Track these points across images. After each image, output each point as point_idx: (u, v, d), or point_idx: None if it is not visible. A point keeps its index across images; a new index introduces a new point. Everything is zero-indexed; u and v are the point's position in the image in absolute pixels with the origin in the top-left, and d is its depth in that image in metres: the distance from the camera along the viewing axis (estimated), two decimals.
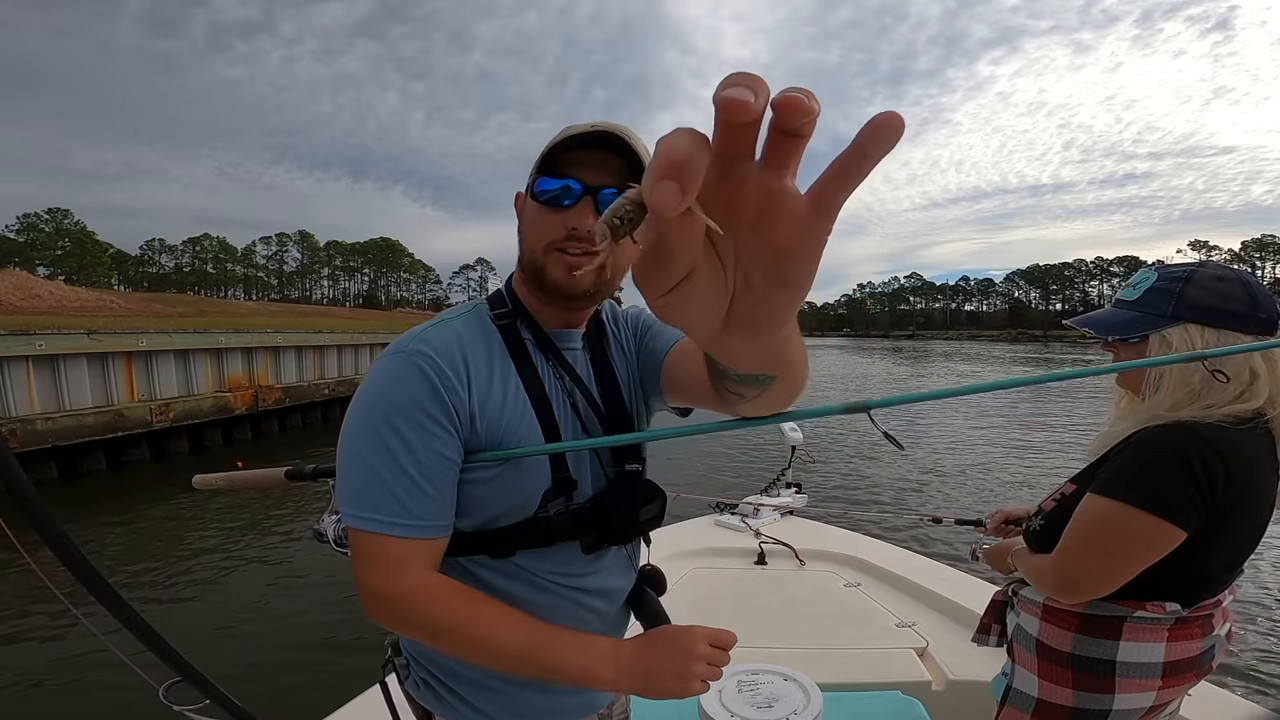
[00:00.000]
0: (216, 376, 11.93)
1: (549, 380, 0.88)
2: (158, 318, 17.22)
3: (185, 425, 10.84)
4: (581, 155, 0.81)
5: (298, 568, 5.80)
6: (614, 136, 0.79)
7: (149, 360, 10.51)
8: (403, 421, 0.76)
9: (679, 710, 1.43)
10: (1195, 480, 0.99)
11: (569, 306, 0.88)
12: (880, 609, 2.34)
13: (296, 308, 50.19)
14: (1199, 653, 1.08)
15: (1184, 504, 0.99)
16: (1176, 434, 1.02)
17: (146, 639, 1.10)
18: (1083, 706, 1.10)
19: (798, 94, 0.23)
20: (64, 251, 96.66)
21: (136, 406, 9.97)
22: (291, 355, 13.95)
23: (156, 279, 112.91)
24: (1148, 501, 1.00)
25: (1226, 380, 1.01)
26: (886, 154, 0.24)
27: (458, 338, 0.83)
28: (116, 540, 6.74)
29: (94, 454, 9.44)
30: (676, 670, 0.80)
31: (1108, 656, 1.08)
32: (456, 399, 0.78)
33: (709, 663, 0.81)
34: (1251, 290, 1.06)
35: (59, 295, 24.03)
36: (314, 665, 4.11)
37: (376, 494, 0.76)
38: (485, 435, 0.81)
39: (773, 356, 0.45)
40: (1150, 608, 1.06)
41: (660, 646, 0.82)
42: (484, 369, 0.82)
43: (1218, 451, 0.99)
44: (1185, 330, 1.06)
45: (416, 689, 0.93)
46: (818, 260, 0.30)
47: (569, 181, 0.80)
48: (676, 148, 0.23)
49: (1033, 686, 1.16)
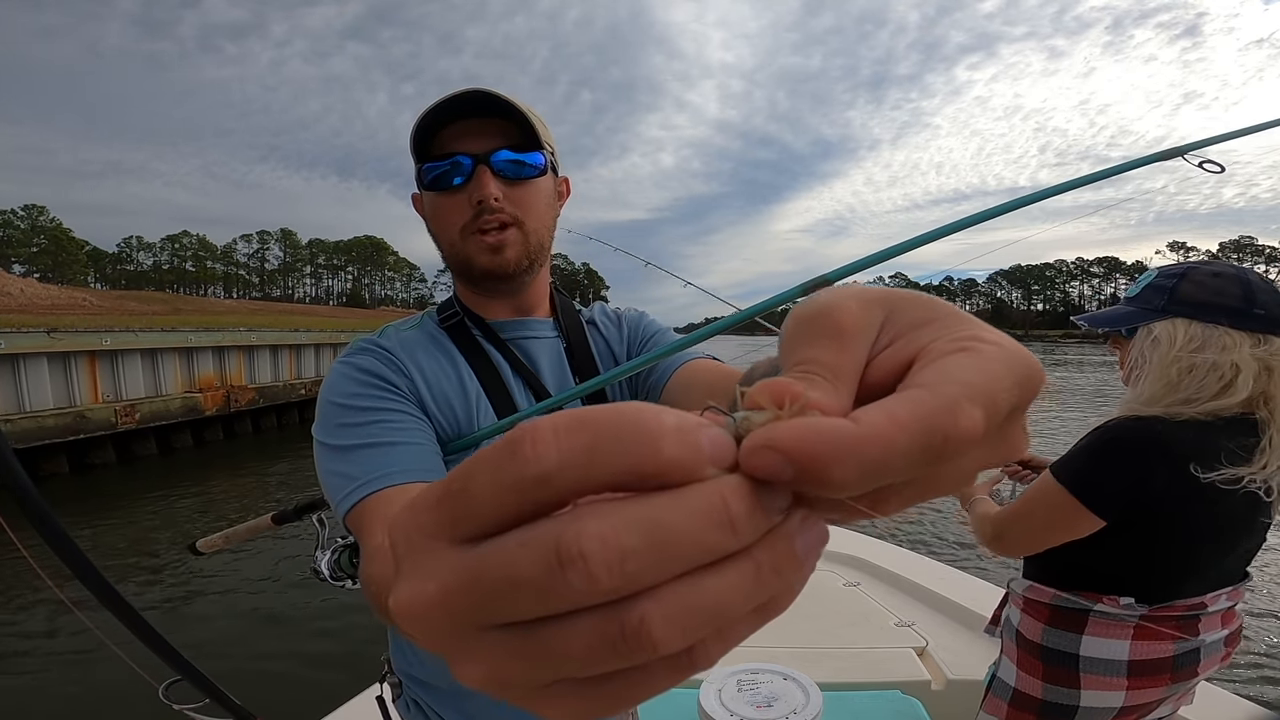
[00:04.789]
0: (186, 376, 11.61)
1: (506, 371, 0.85)
2: (127, 316, 16.86)
3: (152, 427, 10.54)
4: (456, 129, 0.78)
5: (297, 567, 5.68)
6: (480, 95, 0.75)
7: (114, 360, 10.18)
8: (359, 390, 0.74)
9: (679, 710, 1.50)
10: (1125, 473, 1.03)
11: (507, 291, 0.86)
12: (880, 608, 2.34)
13: (277, 306, 49.64)
14: (1172, 655, 1.07)
15: (1105, 492, 1.04)
16: (1128, 426, 1.06)
17: (146, 638, 1.11)
18: (1051, 700, 1.13)
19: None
20: (39, 249, 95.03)
21: (100, 408, 9.66)
22: (266, 354, 13.64)
23: (134, 277, 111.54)
24: (1071, 483, 1.07)
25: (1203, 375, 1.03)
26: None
27: (401, 340, 0.82)
28: (83, 544, 6.50)
29: (56, 457, 9.14)
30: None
31: (1071, 650, 1.11)
32: (406, 380, 0.78)
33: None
34: (1249, 286, 1.05)
35: (30, 293, 23.62)
36: (315, 664, 4.09)
37: (359, 464, 0.69)
38: (446, 426, 0.78)
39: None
40: (1107, 601, 1.08)
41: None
42: (431, 363, 0.81)
43: (1166, 449, 1.01)
44: (1172, 324, 1.07)
45: (405, 710, 0.93)
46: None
47: (457, 158, 0.77)
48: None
49: (1011, 675, 1.20)
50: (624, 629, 0.15)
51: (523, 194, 0.80)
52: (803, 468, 0.15)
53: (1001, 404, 0.17)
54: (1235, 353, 1.02)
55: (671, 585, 0.15)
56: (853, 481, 0.15)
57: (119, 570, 5.76)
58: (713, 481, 0.15)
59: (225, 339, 12.54)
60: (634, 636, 0.15)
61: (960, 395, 0.16)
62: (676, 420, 0.16)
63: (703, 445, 0.16)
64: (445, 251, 0.84)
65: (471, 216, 0.78)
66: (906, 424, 0.16)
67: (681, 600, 0.15)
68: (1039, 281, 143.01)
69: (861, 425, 0.16)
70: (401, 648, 0.94)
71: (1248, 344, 1.03)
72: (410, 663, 0.92)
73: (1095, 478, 1.05)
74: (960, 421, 0.16)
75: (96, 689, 3.63)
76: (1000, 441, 0.19)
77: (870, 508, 0.18)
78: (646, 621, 0.14)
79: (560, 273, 70.65)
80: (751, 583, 0.16)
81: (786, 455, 0.15)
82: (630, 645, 0.15)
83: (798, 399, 0.17)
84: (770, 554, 0.16)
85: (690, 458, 0.15)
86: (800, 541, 0.16)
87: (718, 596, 0.15)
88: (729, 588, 0.15)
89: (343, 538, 1.08)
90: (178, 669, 1.17)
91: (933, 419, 0.16)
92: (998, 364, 0.18)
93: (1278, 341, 1.03)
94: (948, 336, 0.19)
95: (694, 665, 0.16)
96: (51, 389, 9.20)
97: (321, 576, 1.06)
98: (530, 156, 0.80)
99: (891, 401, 0.16)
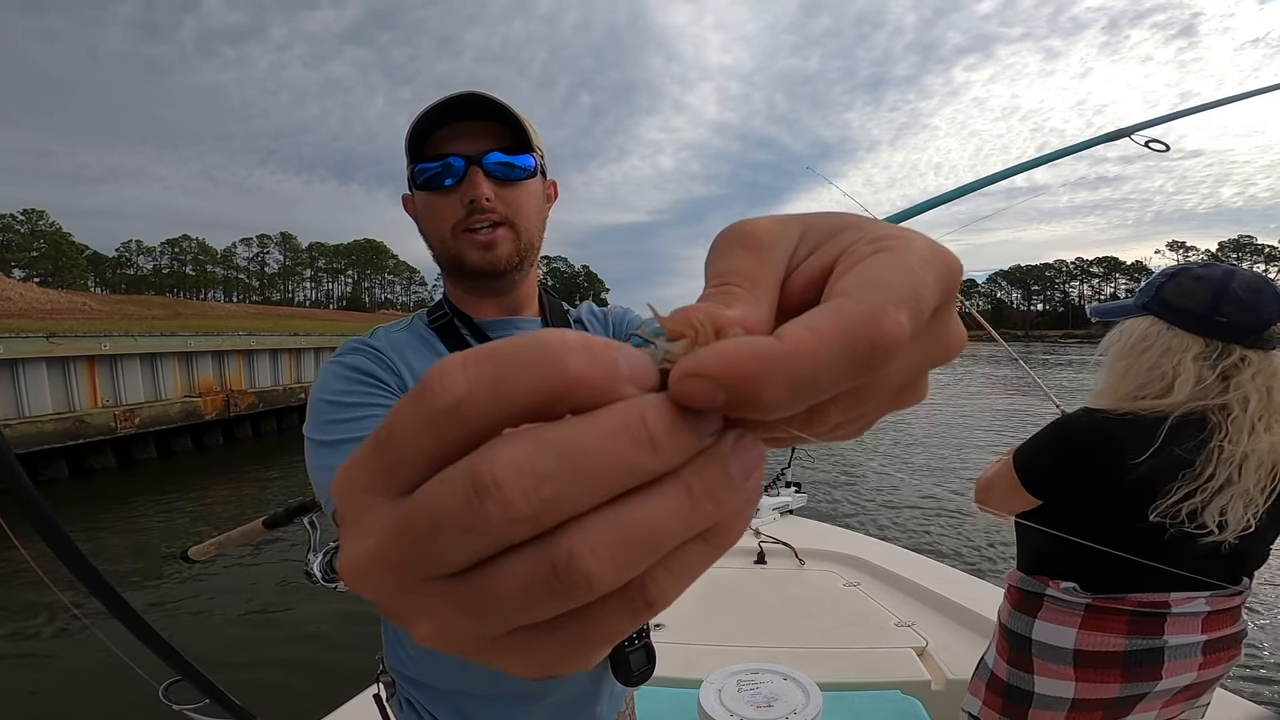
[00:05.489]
0: (186, 381, 11.61)
1: None
2: (126, 320, 16.86)
3: (152, 431, 10.53)
4: (449, 131, 0.79)
5: (296, 569, 5.62)
6: (474, 98, 0.77)
7: (113, 364, 10.18)
8: (349, 387, 0.76)
9: (679, 710, 1.52)
10: (1057, 456, 1.12)
11: (497, 289, 0.86)
12: (879, 608, 2.34)
13: (277, 310, 49.68)
14: (1122, 650, 1.08)
15: (1036, 473, 1.15)
16: (1075, 415, 1.14)
17: (147, 639, 1.11)
18: (1012, 683, 1.18)
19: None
20: (39, 253, 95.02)
21: (100, 412, 9.65)
22: (266, 358, 13.63)
23: (134, 281, 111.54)
24: (1016, 460, 1.18)
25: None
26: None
27: (391, 340, 0.84)
28: (83, 548, 6.49)
29: (55, 462, 9.12)
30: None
31: (1026, 633, 1.16)
32: (395, 378, 0.79)
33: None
34: (1221, 292, 1.04)
35: (30, 297, 23.62)
36: (313, 663, 4.08)
37: (345, 457, 0.65)
38: None
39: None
40: (1052, 584, 1.13)
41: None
42: (421, 363, 0.82)
43: (1102, 439, 1.06)
44: (1138, 321, 1.12)
45: (400, 708, 0.93)
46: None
47: (449, 159, 0.78)
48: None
49: (990, 657, 1.26)
50: (554, 564, 0.14)
51: (513, 195, 0.81)
52: (732, 391, 0.15)
53: (925, 302, 0.17)
54: (1177, 356, 1.05)
55: (597, 515, 0.14)
56: (784, 401, 0.15)
57: (119, 573, 5.74)
58: (631, 400, 0.15)
59: (224, 343, 12.53)
60: (565, 571, 0.14)
61: (884, 300, 0.16)
62: (583, 339, 0.15)
63: (618, 363, 0.15)
64: (436, 250, 0.85)
65: (463, 216, 0.79)
66: (832, 336, 0.15)
67: (608, 529, 0.14)
68: (1039, 281, 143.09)
69: (786, 342, 0.15)
70: (394, 647, 0.94)
71: (1195, 349, 1.04)
72: (402, 661, 0.92)
73: (1031, 458, 1.16)
74: (886, 327, 0.16)
75: (97, 689, 3.62)
76: (931, 340, 0.19)
77: (803, 428, 0.17)
78: (575, 555, 0.14)
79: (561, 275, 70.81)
80: (684, 508, 0.15)
81: (715, 380, 0.15)
82: (564, 582, 0.14)
83: (718, 321, 0.17)
84: (701, 477, 0.15)
85: (599, 374, 0.15)
86: (735, 463, 0.16)
87: (648, 523, 0.14)
88: (659, 513, 0.15)
89: (335, 540, 1.09)
90: (178, 669, 1.17)
91: (858, 328, 0.15)
92: (917, 260, 0.17)
93: (1238, 351, 1.03)
94: (865, 239, 0.19)
95: (649, 603, 0.15)
96: (50, 394, 9.19)
97: (314, 579, 1.07)
98: (521, 159, 0.81)
99: (814, 315, 0.16)
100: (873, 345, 0.15)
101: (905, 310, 0.16)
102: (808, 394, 0.15)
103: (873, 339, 0.15)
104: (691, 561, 0.16)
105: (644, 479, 0.15)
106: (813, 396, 0.15)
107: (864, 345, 0.15)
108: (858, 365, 0.15)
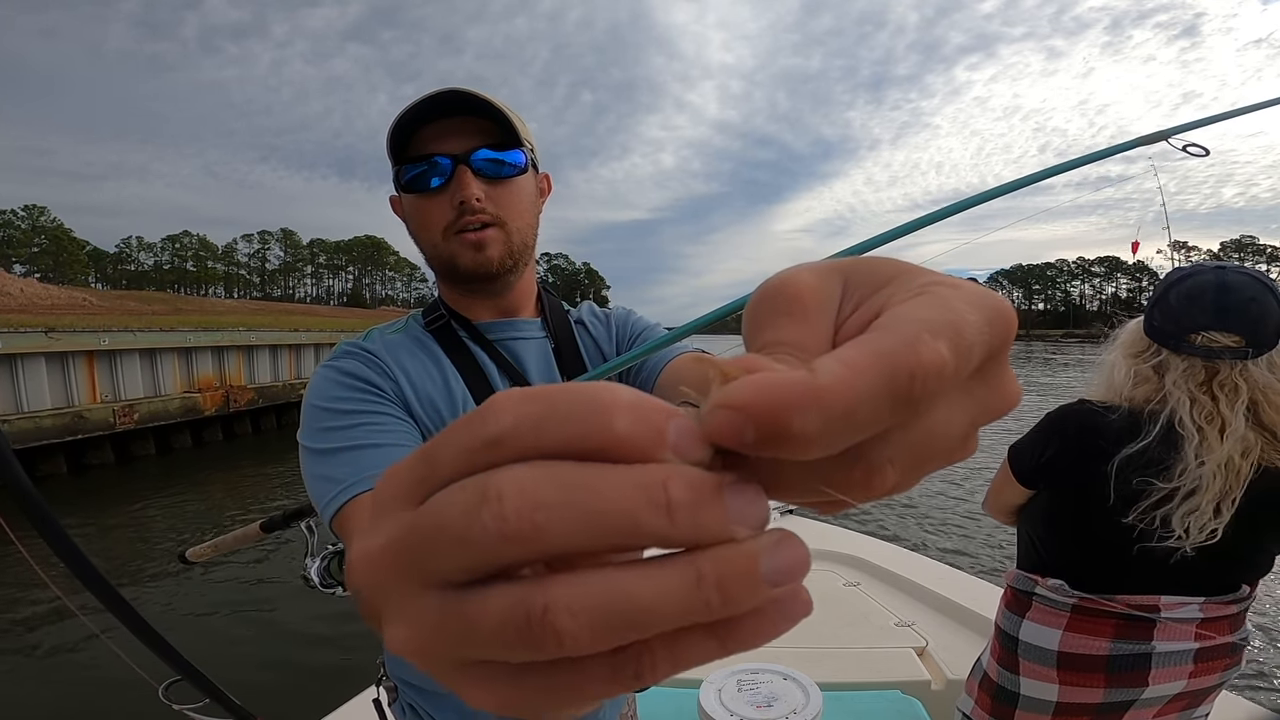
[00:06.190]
0: (185, 376, 11.61)
1: (493, 372, 0.84)
2: (127, 316, 16.84)
3: (151, 427, 10.53)
4: (433, 129, 0.77)
5: (295, 569, 5.63)
6: (456, 94, 0.74)
7: (112, 360, 10.18)
8: (343, 394, 0.74)
9: (679, 710, 1.51)
10: (1043, 444, 1.14)
11: (491, 291, 0.85)
12: (880, 608, 2.34)
13: (277, 306, 49.60)
14: (1106, 654, 1.07)
15: (1026, 459, 1.17)
16: (1065, 405, 1.16)
17: (146, 639, 1.10)
18: (1000, 684, 1.18)
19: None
20: (40, 249, 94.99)
21: (98, 408, 9.66)
22: (265, 354, 13.64)
23: (135, 277, 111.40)
24: (1010, 450, 1.21)
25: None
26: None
27: (386, 343, 0.82)
28: (81, 545, 6.50)
29: (54, 457, 9.13)
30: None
31: (1014, 633, 1.17)
32: (390, 383, 0.77)
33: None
34: (1159, 299, 1.08)
35: (30, 293, 23.61)
36: (314, 664, 4.09)
37: (343, 467, 0.68)
38: (432, 428, 0.77)
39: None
40: (1041, 582, 1.14)
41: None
42: (416, 366, 0.81)
43: (1086, 427, 1.09)
44: (1135, 322, 1.16)
45: (402, 714, 0.92)
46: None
47: (435, 158, 0.76)
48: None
49: (985, 657, 1.27)
50: (529, 610, 0.14)
51: (504, 193, 0.79)
52: (761, 423, 0.14)
53: (969, 338, 0.16)
54: (1117, 354, 1.13)
55: (590, 573, 0.14)
56: (816, 432, 0.14)
57: (118, 571, 5.75)
58: (662, 464, 0.14)
59: (224, 339, 12.53)
60: (538, 620, 0.13)
61: (920, 329, 0.15)
62: (635, 399, 0.15)
63: (664, 430, 0.15)
64: (428, 253, 0.83)
65: (454, 217, 0.77)
66: (866, 366, 0.14)
67: (595, 590, 0.14)
68: (1040, 281, 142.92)
69: (819, 373, 0.14)
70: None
71: (1138, 347, 1.10)
72: (404, 666, 0.91)
73: (1022, 445, 1.20)
74: (924, 355, 0.15)
75: (97, 689, 3.62)
76: (984, 389, 0.17)
77: (862, 489, 0.16)
78: (552, 607, 0.13)
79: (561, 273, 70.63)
80: (686, 592, 0.14)
81: (743, 411, 0.14)
82: (535, 631, 0.13)
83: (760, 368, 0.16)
84: (717, 565, 0.14)
85: (644, 436, 0.14)
86: (768, 561, 0.14)
87: (638, 596, 0.14)
88: (655, 589, 0.14)
89: (332, 544, 1.07)
90: (178, 669, 1.16)
91: (895, 357, 0.14)
92: (959, 301, 0.16)
93: (1164, 354, 1.06)
94: (908, 288, 0.18)
95: (638, 677, 0.14)
96: (49, 389, 9.19)
97: (311, 584, 1.07)
98: (510, 155, 0.79)
99: (848, 347, 0.15)
100: (911, 375, 0.14)
101: (944, 340, 0.15)
102: (843, 428, 0.14)
103: (911, 368, 0.14)
104: (690, 652, 0.15)
105: (653, 544, 0.14)
106: (849, 432, 0.14)
107: (902, 375, 0.14)
108: (896, 397, 0.14)
